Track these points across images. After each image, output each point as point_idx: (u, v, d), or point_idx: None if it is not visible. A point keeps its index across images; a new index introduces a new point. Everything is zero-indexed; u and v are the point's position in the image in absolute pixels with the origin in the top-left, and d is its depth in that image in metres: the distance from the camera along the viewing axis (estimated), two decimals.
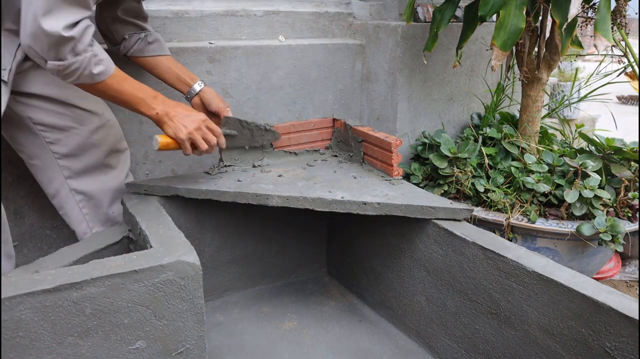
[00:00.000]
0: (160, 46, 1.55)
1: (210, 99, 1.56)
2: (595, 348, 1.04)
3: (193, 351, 1.12)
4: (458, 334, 1.36)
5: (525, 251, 1.22)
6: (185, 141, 1.31)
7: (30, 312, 0.94)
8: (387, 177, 1.57)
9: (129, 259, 1.04)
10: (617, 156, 1.70)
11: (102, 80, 1.21)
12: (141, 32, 1.52)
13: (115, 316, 1.01)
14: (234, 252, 1.71)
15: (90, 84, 1.21)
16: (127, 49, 1.52)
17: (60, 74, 1.17)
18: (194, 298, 1.09)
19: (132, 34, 1.51)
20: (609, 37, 1.42)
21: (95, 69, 1.18)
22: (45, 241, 1.69)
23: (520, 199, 1.66)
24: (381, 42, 1.97)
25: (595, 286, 1.06)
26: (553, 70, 1.79)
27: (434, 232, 1.39)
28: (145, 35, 1.53)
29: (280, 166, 1.65)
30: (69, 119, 1.38)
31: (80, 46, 1.14)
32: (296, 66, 1.93)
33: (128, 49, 1.52)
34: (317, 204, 1.38)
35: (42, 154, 1.41)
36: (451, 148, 1.73)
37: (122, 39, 1.51)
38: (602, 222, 1.54)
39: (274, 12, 1.95)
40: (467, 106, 2.11)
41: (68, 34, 1.11)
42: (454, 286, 1.35)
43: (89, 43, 1.16)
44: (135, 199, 1.43)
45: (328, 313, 1.67)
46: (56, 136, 1.39)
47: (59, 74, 1.17)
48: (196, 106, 1.57)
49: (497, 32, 1.51)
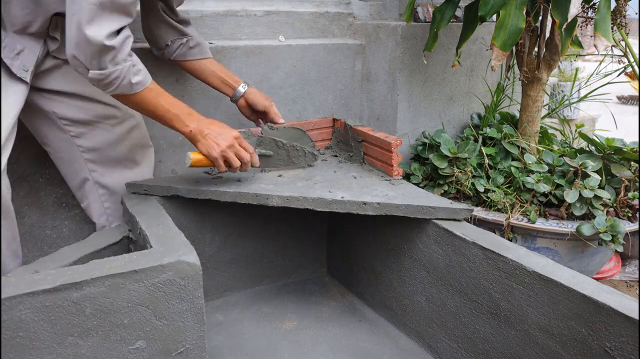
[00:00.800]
0: (201, 50, 1.60)
1: (256, 100, 1.62)
2: (595, 348, 1.04)
3: (193, 351, 1.12)
4: (458, 334, 1.36)
5: (525, 251, 1.22)
6: (219, 159, 1.32)
7: (30, 312, 0.94)
8: (387, 177, 1.57)
9: (129, 259, 1.04)
10: (617, 156, 1.70)
11: (140, 91, 1.24)
12: (183, 38, 1.57)
13: (115, 316, 1.01)
14: (234, 252, 1.71)
15: (128, 95, 1.24)
16: (171, 54, 1.58)
17: (101, 83, 1.20)
18: (194, 298, 1.09)
19: (175, 39, 1.57)
20: (609, 37, 1.42)
21: (133, 79, 1.21)
22: (45, 241, 1.69)
23: (520, 199, 1.66)
24: (381, 42, 1.97)
25: (595, 286, 1.06)
26: (553, 70, 1.79)
27: (434, 232, 1.39)
28: (187, 40, 1.58)
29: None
30: (93, 114, 1.42)
31: (120, 56, 1.17)
32: (296, 66, 1.93)
33: (172, 53, 1.58)
34: (317, 204, 1.38)
35: (67, 147, 1.44)
36: (451, 148, 1.73)
37: (165, 45, 1.57)
38: (602, 222, 1.54)
39: (274, 12, 1.95)
40: (467, 106, 2.11)
41: (109, 43, 1.14)
42: (454, 286, 1.35)
43: (129, 53, 1.20)
44: (135, 199, 1.44)
45: (328, 313, 1.67)
46: (80, 130, 1.42)
47: (99, 83, 1.20)
48: (242, 107, 1.64)
49: (497, 32, 1.51)
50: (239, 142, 1.36)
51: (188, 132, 1.32)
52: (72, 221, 1.73)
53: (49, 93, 1.37)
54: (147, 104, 1.27)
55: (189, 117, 1.32)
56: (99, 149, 1.45)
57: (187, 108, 1.33)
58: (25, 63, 1.27)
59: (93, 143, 1.44)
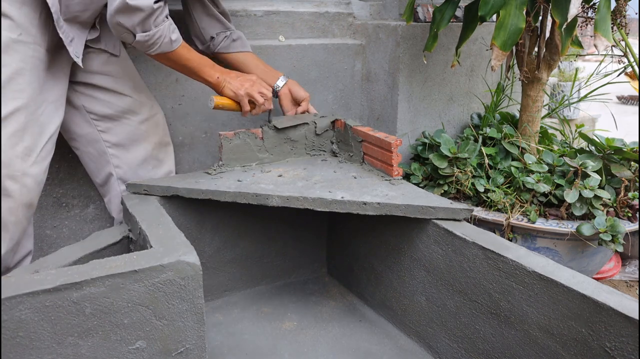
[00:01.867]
0: (242, 43, 1.69)
1: (297, 90, 1.72)
2: (595, 348, 1.04)
3: (193, 351, 1.12)
4: (458, 334, 1.36)
5: (525, 251, 1.22)
6: (244, 96, 1.50)
7: (30, 312, 0.94)
8: (387, 177, 1.57)
9: (129, 259, 1.04)
10: (617, 156, 1.70)
11: (177, 48, 1.37)
12: (227, 31, 1.67)
13: (115, 316, 1.01)
14: (234, 252, 1.71)
15: (167, 53, 1.36)
16: (216, 47, 1.67)
17: (146, 44, 1.31)
18: (194, 298, 1.09)
19: (219, 32, 1.66)
20: (609, 37, 1.42)
21: (173, 36, 1.34)
22: (45, 241, 1.69)
23: (520, 199, 1.66)
24: (381, 42, 1.97)
25: (595, 286, 1.06)
26: (553, 70, 1.79)
27: (434, 232, 1.39)
28: (230, 33, 1.67)
29: (280, 166, 1.65)
30: (121, 109, 1.48)
31: (160, 17, 1.29)
32: (296, 66, 1.93)
33: (216, 46, 1.67)
34: (317, 204, 1.38)
35: (94, 142, 1.49)
36: (451, 148, 1.73)
37: (210, 38, 1.65)
38: (602, 222, 1.54)
39: (274, 12, 1.95)
40: (467, 106, 2.11)
41: (157, 5, 1.25)
42: (454, 286, 1.35)
43: (166, 14, 1.31)
44: (135, 199, 1.43)
45: (328, 313, 1.67)
46: (107, 124, 1.48)
47: (144, 45, 1.31)
48: (284, 96, 1.72)
49: (497, 32, 1.51)
50: (259, 82, 1.54)
51: (216, 79, 1.48)
52: (72, 221, 1.73)
53: (81, 86, 1.44)
54: (182, 58, 1.40)
55: (214, 67, 1.49)
56: (124, 145, 1.51)
57: (210, 60, 1.48)
58: (77, 50, 1.34)
59: (119, 139, 1.50)
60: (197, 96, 1.78)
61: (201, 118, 1.81)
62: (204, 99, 1.79)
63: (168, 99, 1.74)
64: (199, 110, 1.80)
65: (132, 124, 1.50)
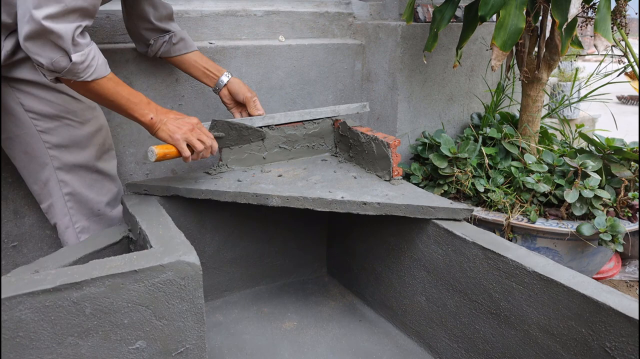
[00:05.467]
0: (185, 45, 1.60)
1: (237, 89, 1.61)
2: (595, 348, 1.04)
3: (193, 351, 1.12)
4: (458, 334, 1.36)
5: (525, 251, 1.22)
6: (181, 141, 1.32)
7: (30, 312, 0.94)
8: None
9: (129, 259, 1.04)
10: (617, 156, 1.70)
11: (103, 79, 1.23)
12: (165, 35, 1.58)
13: (115, 316, 1.01)
14: (234, 252, 1.71)
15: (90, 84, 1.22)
16: (155, 52, 1.60)
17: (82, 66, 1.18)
18: (194, 298, 1.09)
19: (157, 37, 1.57)
20: (609, 37, 1.42)
21: (101, 59, 1.22)
22: (45, 241, 1.69)
23: (520, 199, 1.66)
24: (381, 42, 1.97)
25: (595, 286, 1.06)
26: (553, 70, 1.79)
27: (434, 232, 1.39)
28: (170, 37, 1.58)
29: (280, 166, 1.65)
30: (61, 108, 1.38)
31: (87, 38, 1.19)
32: (296, 66, 1.93)
33: (155, 51, 1.59)
34: (317, 204, 1.38)
35: (33, 142, 1.39)
36: (451, 148, 1.73)
37: (148, 44, 1.59)
38: (602, 222, 1.54)
39: (274, 12, 1.95)
40: (467, 106, 2.11)
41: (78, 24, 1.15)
42: (454, 286, 1.35)
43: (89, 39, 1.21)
44: (135, 199, 1.43)
45: (328, 313, 1.67)
46: (47, 124, 1.38)
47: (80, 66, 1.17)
48: (225, 97, 1.63)
49: (497, 32, 1.51)
50: (199, 127, 1.37)
51: (149, 120, 1.31)
52: None
53: (18, 83, 1.34)
54: (108, 93, 1.26)
55: (148, 106, 1.31)
56: (65, 147, 1.41)
57: (145, 98, 1.33)
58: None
59: (60, 139, 1.40)
60: (198, 96, 1.78)
61: (201, 118, 1.81)
62: (204, 98, 1.79)
63: (168, 99, 1.74)
64: (199, 110, 1.80)
65: (74, 125, 1.40)
